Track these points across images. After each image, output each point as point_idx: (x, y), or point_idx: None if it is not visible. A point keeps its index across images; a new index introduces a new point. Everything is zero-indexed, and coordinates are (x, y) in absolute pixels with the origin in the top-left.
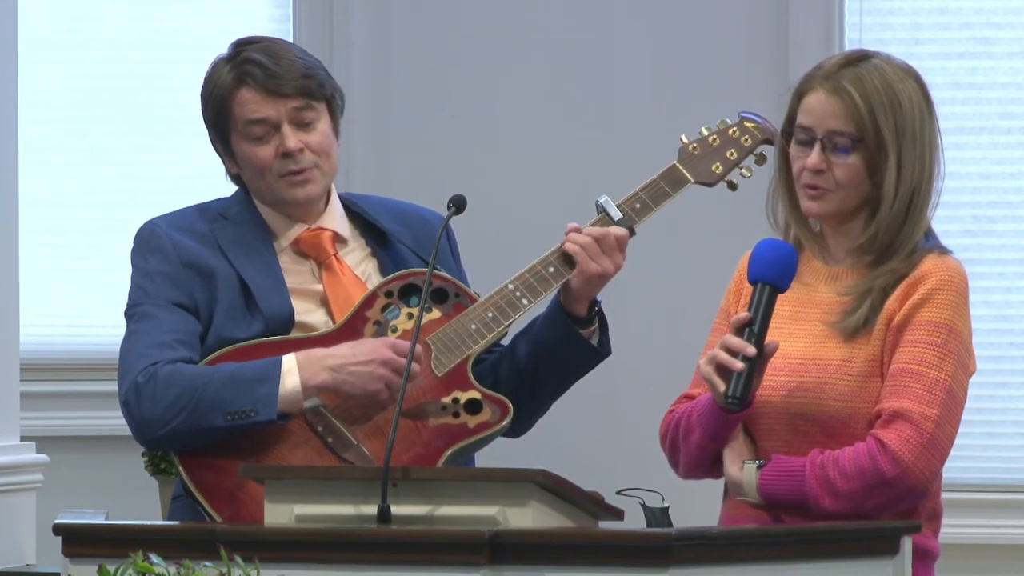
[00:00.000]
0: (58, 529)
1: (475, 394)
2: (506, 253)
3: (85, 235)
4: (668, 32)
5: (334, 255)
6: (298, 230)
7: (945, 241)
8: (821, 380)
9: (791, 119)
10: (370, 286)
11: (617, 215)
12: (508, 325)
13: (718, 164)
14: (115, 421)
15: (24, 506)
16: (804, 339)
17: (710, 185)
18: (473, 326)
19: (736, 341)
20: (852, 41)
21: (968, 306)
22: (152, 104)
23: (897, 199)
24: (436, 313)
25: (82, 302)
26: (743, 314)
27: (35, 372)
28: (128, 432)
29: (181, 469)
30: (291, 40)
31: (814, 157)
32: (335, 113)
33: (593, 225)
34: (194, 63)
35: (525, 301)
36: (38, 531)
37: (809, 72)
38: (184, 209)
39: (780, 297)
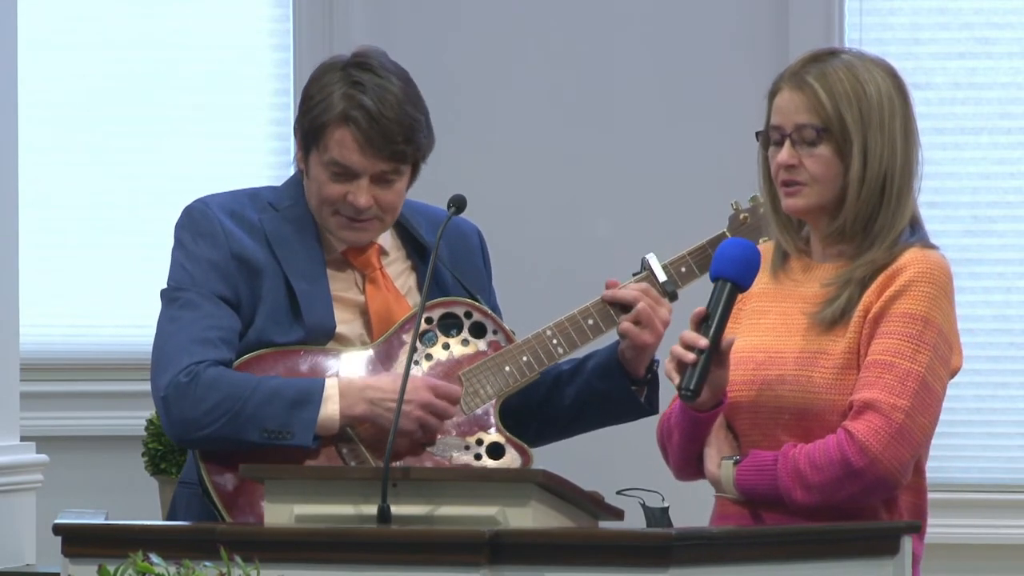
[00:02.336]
0: (58, 529)
1: (499, 438)
2: (506, 253)
3: (85, 235)
4: (668, 32)
5: (379, 269)
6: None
7: (945, 241)
8: (799, 373)
9: (766, 124)
10: (409, 300)
11: (663, 277)
12: (540, 372)
13: (766, 239)
14: (115, 421)
15: (24, 506)
16: (783, 333)
17: None
18: (507, 368)
19: (690, 334)
20: (852, 41)
21: (950, 299)
22: (152, 104)
23: (864, 186)
24: (472, 348)
25: (82, 302)
26: (700, 308)
27: (35, 372)
28: (128, 432)
29: (203, 471)
30: (291, 40)
31: (784, 153)
32: (418, 170)
33: (637, 281)
34: (194, 63)
35: (561, 350)
36: (38, 531)
37: (778, 75)
38: (234, 192)
39: (766, 292)
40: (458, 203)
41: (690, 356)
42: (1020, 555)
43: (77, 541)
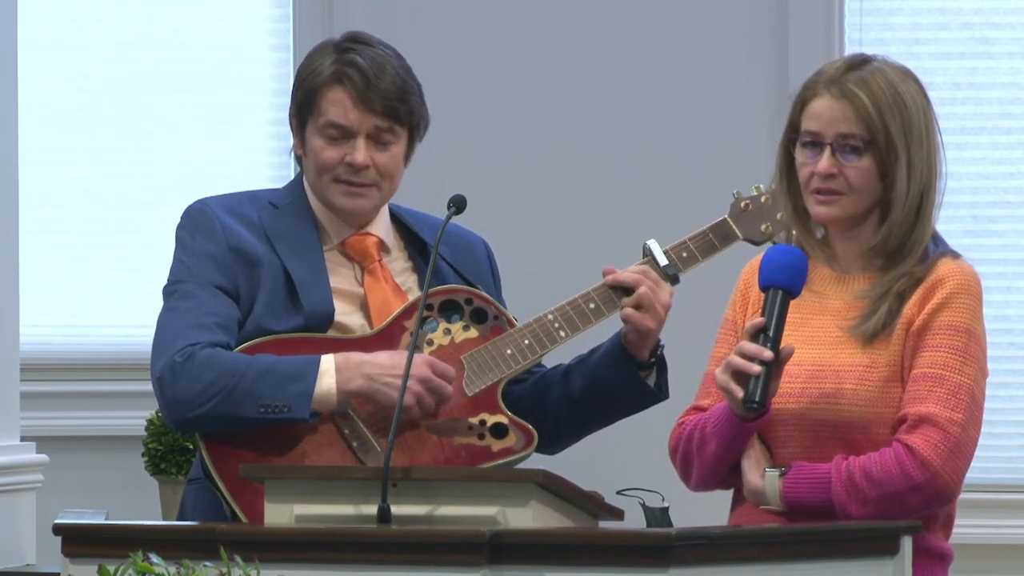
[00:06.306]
0: (58, 529)
1: (502, 418)
2: (505, 253)
3: (85, 235)
4: (668, 32)
5: (378, 261)
6: (346, 231)
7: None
8: (840, 386)
9: (793, 127)
10: (409, 297)
11: (663, 261)
12: (542, 355)
13: (768, 225)
14: (115, 421)
15: (24, 506)
16: (820, 346)
17: (757, 244)
18: (508, 351)
19: (752, 346)
20: (852, 41)
21: (983, 310)
22: (152, 104)
23: (908, 200)
24: (473, 332)
25: (82, 302)
26: (757, 319)
27: (35, 372)
28: (128, 432)
29: (205, 454)
30: (291, 40)
31: (825, 162)
32: (415, 141)
33: (638, 266)
34: (194, 63)
35: (563, 334)
36: (38, 531)
37: (810, 79)
38: (235, 193)
39: (793, 305)
40: (458, 203)
41: (756, 368)
42: (1020, 555)
43: (77, 541)
